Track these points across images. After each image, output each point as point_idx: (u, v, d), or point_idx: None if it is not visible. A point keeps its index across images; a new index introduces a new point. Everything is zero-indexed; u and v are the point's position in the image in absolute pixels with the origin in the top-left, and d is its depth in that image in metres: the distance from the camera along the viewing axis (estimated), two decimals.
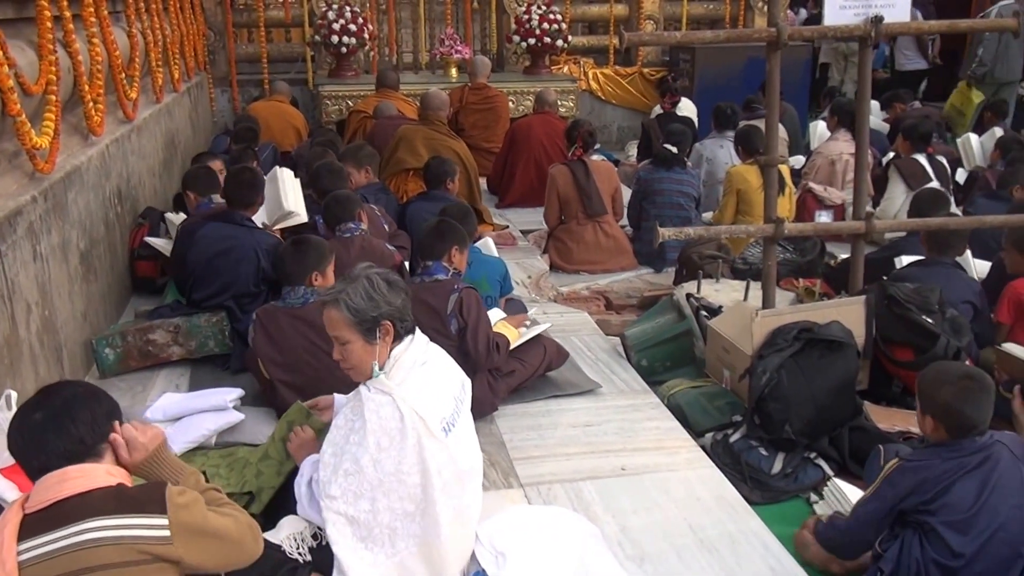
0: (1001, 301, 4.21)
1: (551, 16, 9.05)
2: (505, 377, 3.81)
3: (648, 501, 3.21)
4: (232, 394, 3.60)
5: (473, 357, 3.65)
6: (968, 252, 4.63)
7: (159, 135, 6.32)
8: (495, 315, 4.05)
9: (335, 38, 8.60)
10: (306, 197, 4.95)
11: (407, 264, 4.42)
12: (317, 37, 8.86)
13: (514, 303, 4.65)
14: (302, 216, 4.83)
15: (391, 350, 2.54)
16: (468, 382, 2.77)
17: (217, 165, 5.49)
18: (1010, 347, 3.95)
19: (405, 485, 2.44)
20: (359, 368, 2.51)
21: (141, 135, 5.70)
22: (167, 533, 1.90)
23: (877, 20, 3.93)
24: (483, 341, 3.66)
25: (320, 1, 8.95)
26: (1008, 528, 2.66)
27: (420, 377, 2.55)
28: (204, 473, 3.19)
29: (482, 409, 3.73)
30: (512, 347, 3.84)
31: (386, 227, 4.79)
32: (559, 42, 9.12)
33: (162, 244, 5.00)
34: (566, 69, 9.87)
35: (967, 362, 3.86)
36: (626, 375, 4.23)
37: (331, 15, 8.63)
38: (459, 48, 9.18)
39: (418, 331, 2.65)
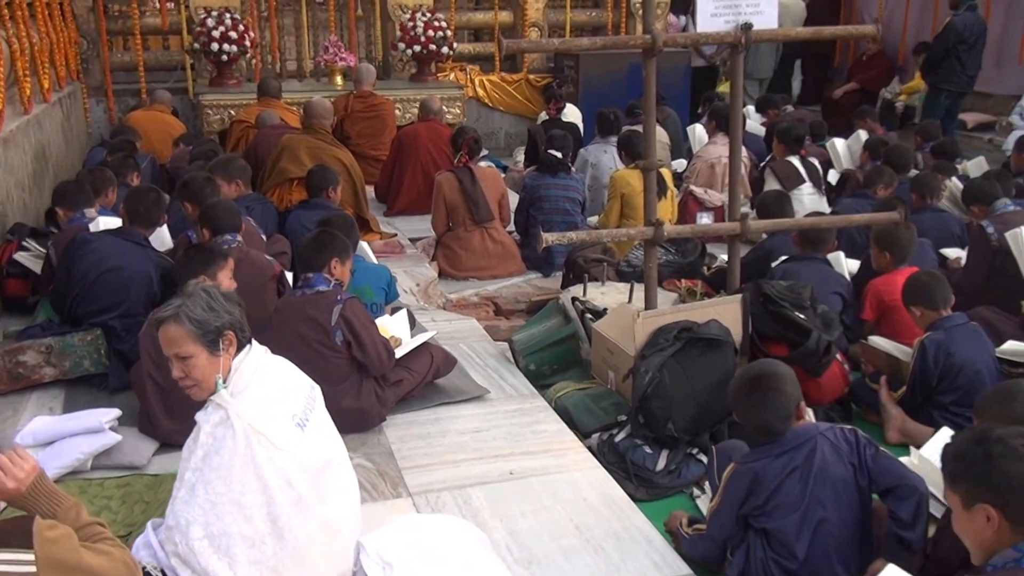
0: (865, 299, 4.41)
1: (436, 24, 9.05)
2: (392, 386, 3.79)
3: (536, 504, 3.23)
4: (108, 415, 3.48)
5: (375, 364, 3.64)
6: (839, 251, 4.84)
7: (28, 148, 6.03)
8: (381, 323, 4.01)
9: (215, 46, 8.38)
10: (176, 210, 4.81)
11: (287, 274, 4.33)
12: (196, 45, 8.61)
13: (402, 311, 4.61)
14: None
15: (232, 360, 2.50)
16: (317, 387, 2.71)
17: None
18: (875, 340, 4.15)
19: (242, 507, 2.36)
20: (203, 383, 2.46)
21: (8, 148, 5.43)
22: (33, 569, 1.80)
23: (747, 27, 4.07)
24: (380, 346, 3.65)
25: (199, 8, 8.71)
26: (838, 522, 2.74)
27: (262, 382, 2.51)
28: (109, 505, 3.09)
29: (370, 420, 3.70)
30: (399, 356, 3.82)
31: (263, 237, 4.69)
32: (444, 49, 9.12)
33: (32, 260, 4.78)
34: (452, 76, 9.87)
35: (838, 355, 4.03)
36: (514, 380, 4.25)
37: (210, 22, 8.40)
38: (343, 56, 9.08)
39: (255, 341, 2.60)
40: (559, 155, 6.13)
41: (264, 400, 2.46)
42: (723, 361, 3.75)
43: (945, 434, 3.36)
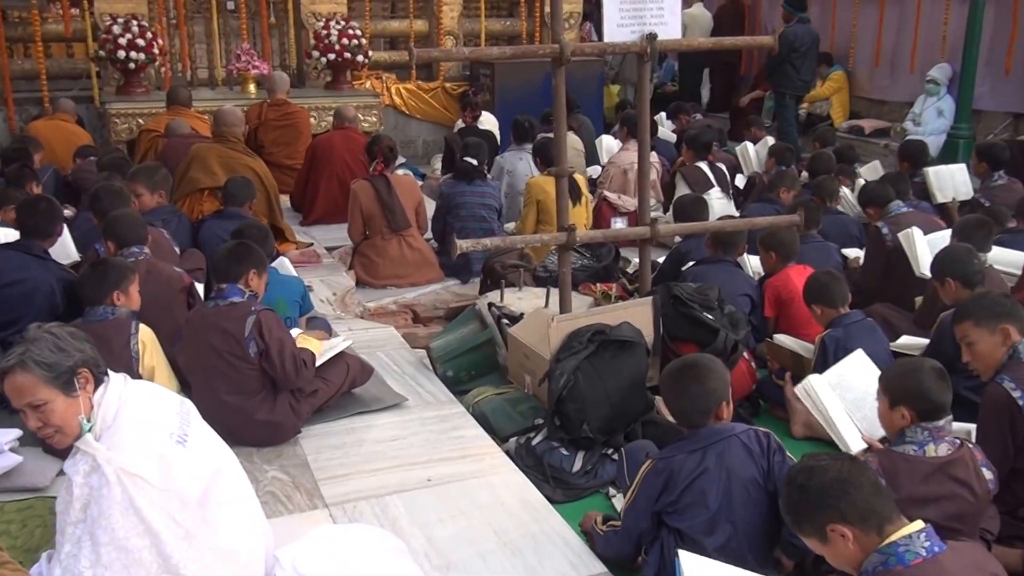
0: (765, 297, 4.58)
1: (350, 32, 9.00)
2: (308, 397, 3.76)
3: (454, 510, 3.25)
4: (8, 435, 3.36)
5: (281, 377, 3.60)
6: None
7: None
8: (295, 335, 3.99)
9: (121, 53, 8.17)
10: (84, 221, 4.70)
11: (198, 286, 4.27)
12: (102, 52, 8.38)
13: (317, 321, 4.59)
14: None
15: (92, 398, 2.37)
16: (188, 401, 2.64)
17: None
18: (780, 338, 4.31)
19: (129, 551, 2.26)
20: (65, 428, 2.32)
21: None
22: None
23: (652, 37, 4.18)
24: (289, 360, 3.60)
25: (104, 14, 8.48)
26: (748, 523, 2.79)
27: (130, 411, 2.39)
28: (8, 530, 2.99)
29: (285, 432, 3.68)
30: (317, 363, 3.80)
31: (176, 249, 4.61)
32: (360, 57, 9.08)
33: None
34: (368, 84, 9.83)
35: (745, 353, 4.17)
36: (432, 387, 4.27)
37: (116, 29, 8.19)
38: (256, 63, 8.97)
39: (111, 372, 2.48)
40: (475, 162, 6.18)
41: (137, 426, 2.34)
42: (636, 362, 3.83)
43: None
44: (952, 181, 6.49)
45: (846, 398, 3.58)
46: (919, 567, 2.07)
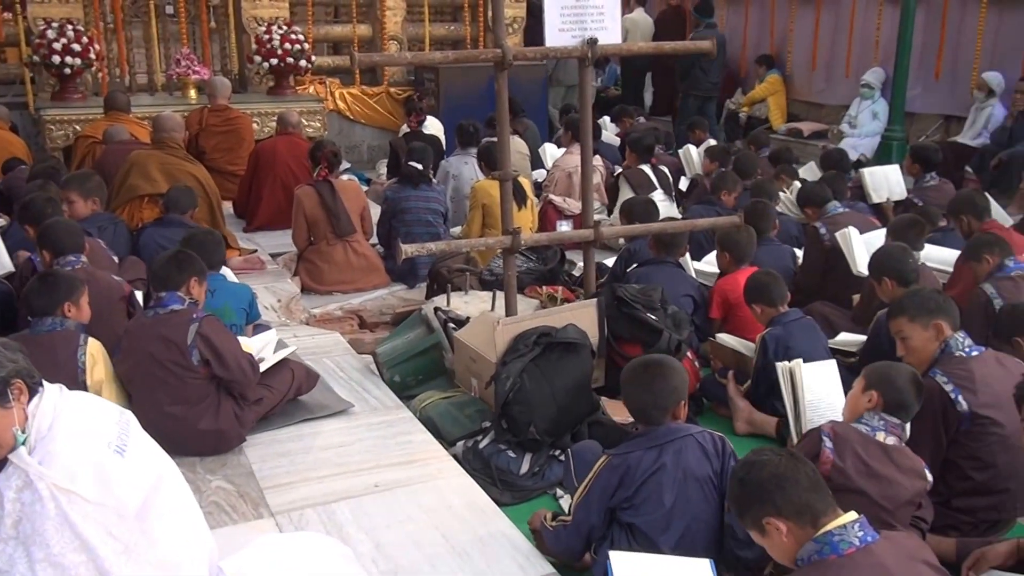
0: (712, 299, 4.65)
1: (293, 36, 8.94)
2: (253, 406, 3.73)
3: (401, 515, 3.25)
4: None
5: (240, 380, 3.59)
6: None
7: None
8: (243, 343, 3.94)
9: (56, 58, 8.00)
10: (15, 232, 4.59)
11: (138, 294, 4.21)
12: (36, 57, 8.20)
13: (261, 329, 4.55)
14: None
15: (26, 408, 2.30)
16: (128, 412, 2.60)
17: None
18: (722, 337, 4.38)
19: (64, 569, 2.19)
20: None
21: None
22: None
23: (592, 42, 4.23)
24: (244, 361, 3.59)
25: (38, 19, 8.30)
26: (701, 522, 2.84)
27: (66, 421, 2.34)
28: None
29: (229, 441, 3.63)
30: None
31: (114, 259, 4.54)
32: (303, 62, 9.02)
33: None
34: (312, 89, 9.76)
35: (688, 353, 4.23)
36: (379, 392, 4.26)
37: (51, 34, 8.02)
38: (197, 68, 8.85)
39: (46, 383, 2.41)
40: (419, 167, 6.17)
41: (72, 436, 2.29)
42: (581, 364, 3.87)
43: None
44: (887, 182, 6.67)
45: (806, 396, 3.66)
46: (852, 556, 2.12)
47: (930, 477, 2.96)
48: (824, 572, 2.12)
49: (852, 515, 2.19)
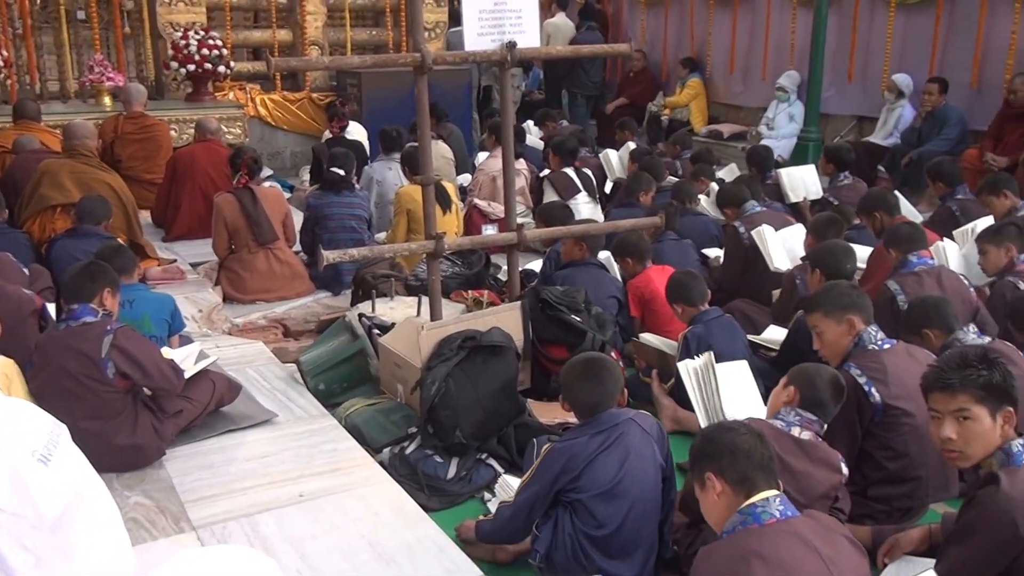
0: (629, 298, 4.73)
1: (211, 42, 8.76)
2: (172, 418, 3.64)
3: (327, 524, 3.21)
4: None
5: (164, 387, 3.52)
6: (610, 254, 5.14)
7: None
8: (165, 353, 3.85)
9: None
10: None
11: (49, 306, 4.07)
12: None
13: (185, 340, 4.45)
14: None
15: None
16: (62, 425, 2.52)
17: None
18: (645, 337, 4.44)
19: None
20: None
21: None
22: None
23: (511, 45, 4.24)
24: (166, 367, 3.52)
25: None
26: (645, 498, 2.94)
27: None
28: None
29: (148, 455, 3.55)
30: None
31: (25, 271, 4.39)
32: (221, 68, 8.86)
33: None
34: (232, 95, 9.58)
35: (612, 353, 4.28)
36: (303, 401, 4.20)
37: None
38: (111, 75, 8.61)
39: None
40: (342, 173, 6.12)
41: None
42: (506, 367, 3.88)
43: None
44: (803, 182, 6.84)
45: (721, 393, 3.73)
46: (772, 526, 2.23)
47: (845, 470, 3.04)
48: (745, 539, 2.22)
49: (774, 491, 2.30)
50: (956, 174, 6.11)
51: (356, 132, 8.39)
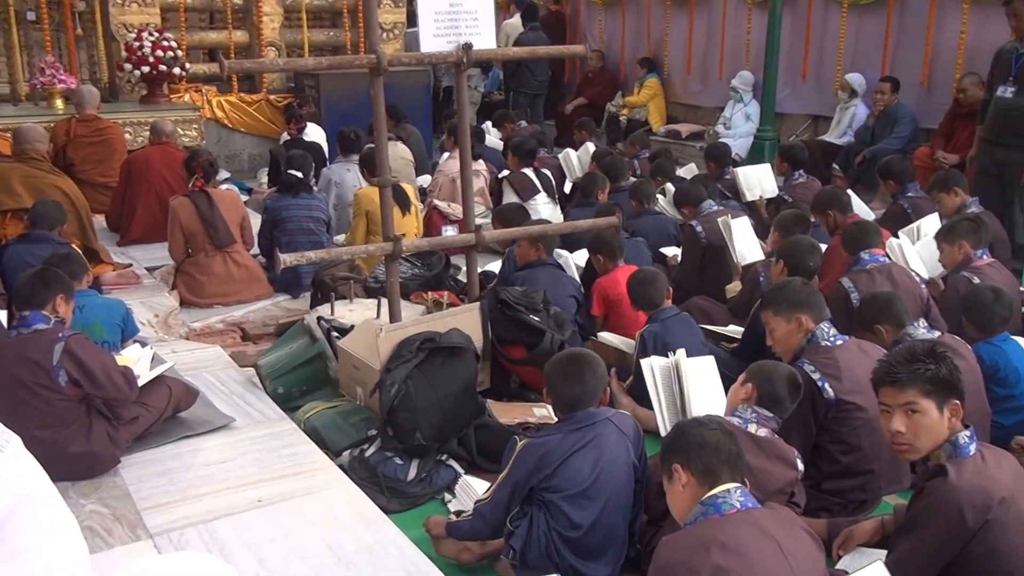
0: (593, 297, 4.75)
1: (165, 43, 8.65)
2: (128, 425, 3.60)
3: (286, 528, 3.19)
4: None
5: (116, 396, 3.45)
6: (568, 253, 5.17)
7: None
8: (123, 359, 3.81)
9: None
10: None
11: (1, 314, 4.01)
12: None
13: (147, 349, 4.39)
14: None
15: None
16: (14, 435, 2.49)
17: None
18: (604, 336, 4.47)
19: None
20: None
21: None
22: None
23: (467, 47, 4.25)
24: (118, 376, 3.46)
25: None
26: (618, 499, 2.95)
27: None
28: None
29: (103, 463, 3.50)
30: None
31: None
32: (176, 70, 8.75)
33: None
34: (187, 98, 9.48)
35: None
36: (262, 405, 4.17)
37: None
38: (63, 77, 8.47)
39: None
40: (300, 175, 6.08)
41: None
42: (466, 368, 3.89)
43: None
44: (758, 180, 6.92)
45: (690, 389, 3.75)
46: (732, 516, 2.29)
47: (801, 466, 3.09)
48: (705, 528, 2.28)
49: (736, 483, 2.36)
50: (906, 172, 6.23)
51: (314, 134, 8.34)
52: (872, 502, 3.48)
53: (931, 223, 5.40)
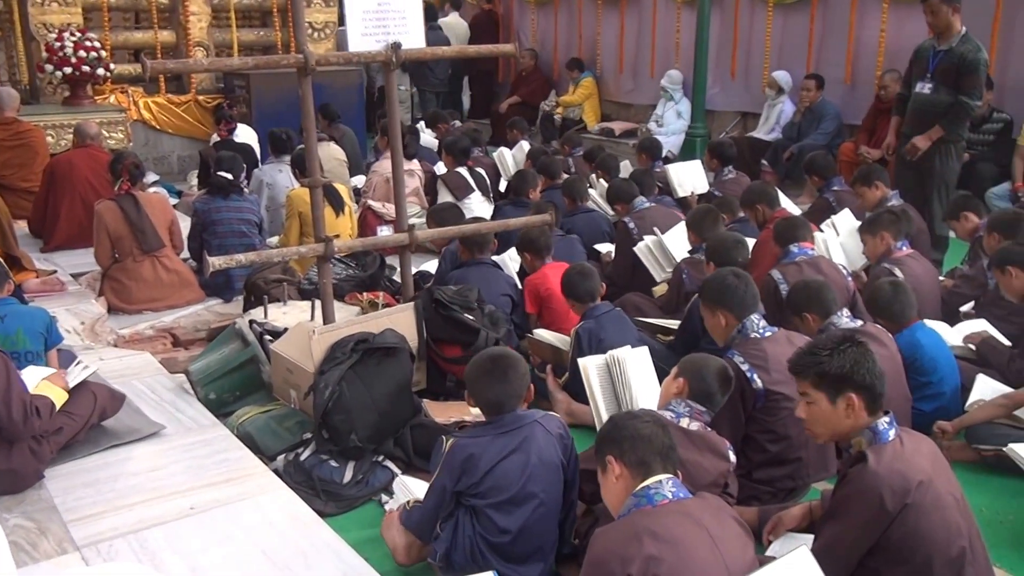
0: (525, 295, 4.77)
1: (88, 44, 8.45)
2: (52, 436, 3.50)
3: (219, 536, 3.15)
4: None
5: (7, 427, 3.26)
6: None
7: None
8: (41, 372, 3.69)
9: None
10: None
11: None
12: None
13: (64, 354, 4.28)
14: None
15: None
16: None
17: None
18: (539, 333, 4.49)
19: None
20: None
21: None
22: None
23: (396, 46, 4.23)
24: (17, 407, 3.26)
25: None
26: (547, 503, 2.95)
27: None
28: None
29: (25, 479, 3.39)
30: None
31: None
32: (100, 71, 8.55)
33: None
34: (113, 99, 9.27)
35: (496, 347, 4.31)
36: (193, 411, 4.10)
37: None
38: None
39: None
40: (230, 176, 5.99)
41: None
42: (401, 368, 3.87)
43: None
44: (689, 177, 7.03)
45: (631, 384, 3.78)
46: (665, 506, 2.34)
47: (733, 458, 3.14)
48: (638, 519, 2.32)
49: (668, 474, 2.41)
50: (829, 167, 6.39)
51: (245, 135, 8.22)
52: (801, 489, 3.56)
53: (845, 218, 5.55)
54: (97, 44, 8.54)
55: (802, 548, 2.37)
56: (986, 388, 3.98)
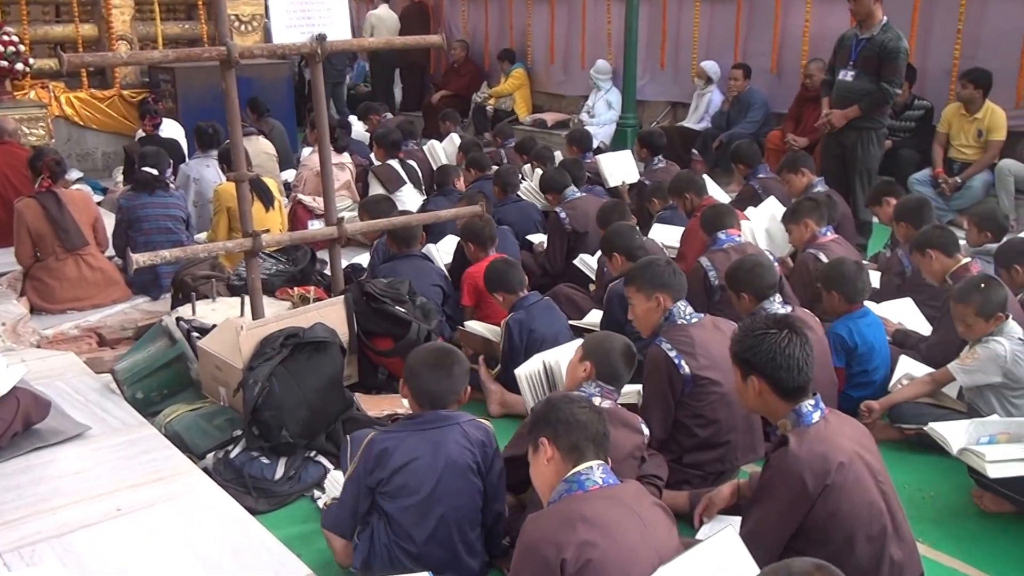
0: (462, 287, 4.78)
1: (6, 38, 8.18)
2: None
3: (148, 537, 3.08)
4: None
5: None
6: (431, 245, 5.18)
7: None
8: None
9: None
10: None
11: None
12: None
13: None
14: None
15: None
16: None
17: None
18: (471, 325, 4.51)
19: None
20: None
21: None
22: None
23: (321, 38, 4.19)
24: None
25: None
26: (458, 514, 2.92)
27: None
28: None
29: None
30: None
31: None
32: (19, 65, 8.29)
33: None
34: (33, 94, 9.00)
35: (439, 340, 4.32)
36: (120, 412, 4.01)
37: None
38: None
39: None
40: (155, 172, 5.86)
41: None
42: (331, 362, 3.84)
43: None
44: (621, 167, 7.10)
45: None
46: (595, 492, 2.37)
47: (646, 431, 3.22)
48: (570, 505, 2.36)
49: (598, 461, 2.43)
50: (755, 155, 6.51)
51: (171, 130, 8.06)
52: (730, 473, 3.62)
53: (771, 205, 5.67)
54: (15, 38, 8.27)
55: (728, 529, 2.43)
56: (908, 368, 4.09)
